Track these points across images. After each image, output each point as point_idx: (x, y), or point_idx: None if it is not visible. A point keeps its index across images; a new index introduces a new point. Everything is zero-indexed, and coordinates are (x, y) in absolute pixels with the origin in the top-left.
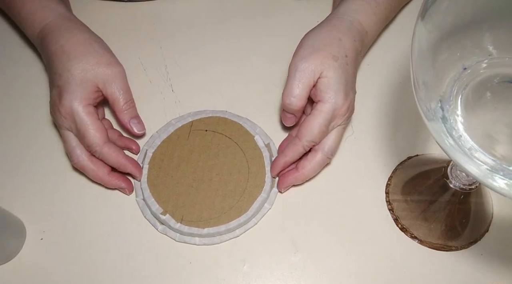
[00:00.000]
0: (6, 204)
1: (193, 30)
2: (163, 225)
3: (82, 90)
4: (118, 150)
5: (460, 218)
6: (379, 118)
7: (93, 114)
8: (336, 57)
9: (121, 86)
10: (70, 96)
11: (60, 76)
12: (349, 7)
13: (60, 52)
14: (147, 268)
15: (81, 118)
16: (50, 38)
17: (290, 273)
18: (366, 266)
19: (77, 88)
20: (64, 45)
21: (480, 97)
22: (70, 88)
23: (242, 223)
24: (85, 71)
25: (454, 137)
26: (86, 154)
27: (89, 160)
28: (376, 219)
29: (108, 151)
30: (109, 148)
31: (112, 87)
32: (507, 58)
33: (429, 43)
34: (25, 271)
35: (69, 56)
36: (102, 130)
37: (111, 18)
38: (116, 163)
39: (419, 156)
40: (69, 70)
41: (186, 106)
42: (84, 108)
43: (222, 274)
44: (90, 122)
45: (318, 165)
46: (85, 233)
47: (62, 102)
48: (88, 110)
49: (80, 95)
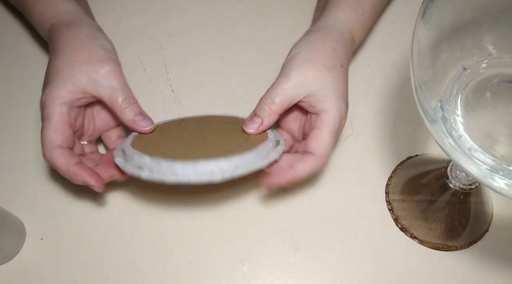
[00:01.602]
0: (6, 204)
1: (193, 30)
2: (148, 170)
3: (61, 87)
4: (71, 156)
5: (460, 218)
6: (379, 118)
7: (62, 115)
8: (330, 68)
9: (116, 83)
10: (47, 92)
11: (48, 74)
12: (337, 17)
13: (54, 50)
14: (147, 268)
15: (47, 114)
16: (53, 37)
17: (290, 273)
18: (366, 266)
19: (58, 84)
20: (59, 43)
21: (480, 97)
22: (51, 85)
23: (246, 160)
24: (72, 68)
25: (454, 137)
26: (55, 149)
27: (55, 151)
28: (376, 219)
29: (59, 155)
30: (61, 152)
31: (104, 86)
32: (507, 58)
33: (429, 43)
34: (25, 271)
35: (59, 54)
36: (61, 132)
37: (111, 17)
38: (66, 172)
39: (419, 156)
40: (57, 67)
41: (186, 106)
42: (56, 105)
43: (222, 274)
44: (53, 121)
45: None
46: (85, 233)
47: (41, 96)
48: (59, 110)
49: (58, 92)
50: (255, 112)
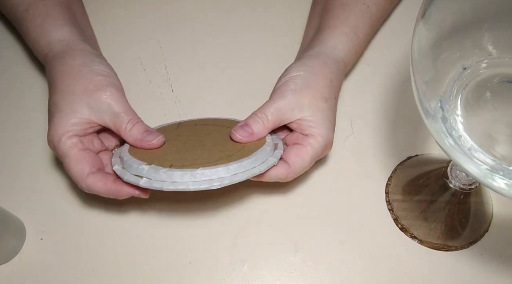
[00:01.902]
0: (6, 204)
1: (193, 30)
2: (146, 178)
3: (64, 123)
4: (106, 177)
5: (460, 218)
6: (379, 118)
7: (76, 145)
8: (326, 99)
9: (118, 108)
10: (52, 130)
11: (49, 110)
12: (335, 44)
13: (51, 84)
14: (147, 268)
15: (62, 151)
16: (49, 70)
17: (290, 273)
18: (366, 266)
19: (60, 121)
20: (54, 76)
21: (480, 97)
22: (54, 122)
23: (244, 166)
24: (71, 102)
25: (454, 137)
26: (87, 177)
27: (89, 179)
28: (376, 219)
29: (93, 181)
30: (95, 178)
31: (106, 113)
32: (507, 58)
33: (429, 43)
34: (25, 271)
35: (56, 89)
36: (85, 160)
37: (111, 18)
38: (107, 192)
39: (419, 156)
40: (56, 103)
41: (186, 106)
42: (66, 140)
43: (222, 274)
44: (71, 156)
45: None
46: (85, 233)
47: (48, 134)
48: (69, 144)
49: (62, 129)
50: (247, 122)
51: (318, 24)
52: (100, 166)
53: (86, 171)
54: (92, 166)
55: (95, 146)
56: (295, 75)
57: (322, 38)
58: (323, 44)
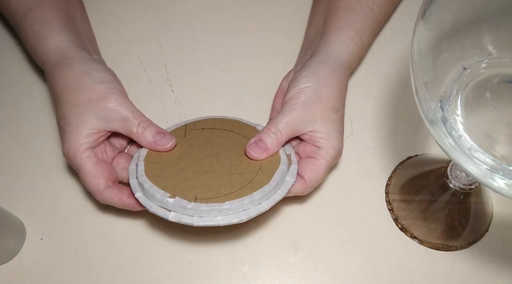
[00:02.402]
0: (6, 204)
1: (193, 30)
2: (174, 212)
3: (76, 137)
4: (121, 191)
5: (460, 218)
6: (379, 118)
7: (90, 159)
8: (337, 109)
9: (125, 113)
10: (66, 145)
11: (59, 123)
12: (341, 49)
13: (55, 97)
14: (147, 268)
15: (77, 165)
16: (49, 82)
17: (290, 273)
18: (366, 266)
19: (71, 135)
20: (57, 89)
21: (480, 97)
22: (66, 136)
23: (267, 194)
24: (78, 114)
25: (454, 137)
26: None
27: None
28: (376, 219)
29: (110, 195)
30: (111, 192)
31: (115, 119)
32: (507, 58)
33: (429, 43)
34: (25, 271)
35: (61, 102)
36: (100, 175)
37: (111, 18)
38: (123, 206)
39: (419, 156)
40: (64, 117)
41: (186, 106)
42: (81, 154)
43: (222, 274)
44: (87, 170)
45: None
46: (85, 233)
47: (62, 150)
48: (86, 155)
49: (75, 143)
50: (261, 137)
51: (322, 25)
52: (116, 178)
53: (102, 186)
54: (108, 180)
55: (108, 154)
56: (305, 87)
57: (328, 41)
58: (329, 47)
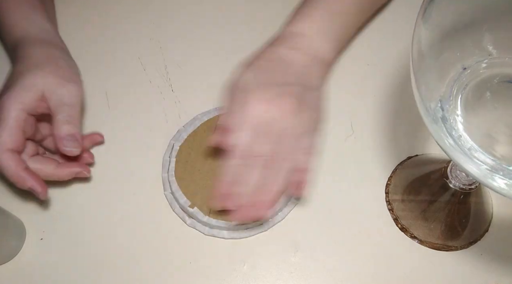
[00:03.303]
0: (6, 204)
1: (193, 30)
2: (192, 219)
3: (23, 92)
4: (21, 162)
5: (460, 218)
6: (379, 118)
7: (18, 120)
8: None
9: (69, 101)
10: (8, 94)
11: (12, 78)
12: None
13: (23, 58)
14: (147, 268)
15: (4, 116)
16: (22, 46)
17: (290, 273)
18: (366, 266)
19: (19, 89)
20: (30, 53)
21: (480, 97)
22: (13, 88)
23: (269, 217)
24: (35, 76)
25: (454, 137)
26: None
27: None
28: (376, 219)
29: (8, 159)
30: (10, 157)
31: (56, 97)
32: (507, 58)
33: (429, 43)
34: (25, 271)
35: (27, 62)
36: (16, 139)
37: (111, 18)
38: (15, 175)
39: (419, 156)
40: (21, 72)
41: (186, 106)
42: (14, 110)
43: (222, 274)
44: (9, 125)
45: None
46: (85, 233)
47: (1, 98)
48: (16, 114)
49: (18, 96)
50: None
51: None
52: (21, 151)
53: (9, 146)
54: (16, 146)
55: (27, 133)
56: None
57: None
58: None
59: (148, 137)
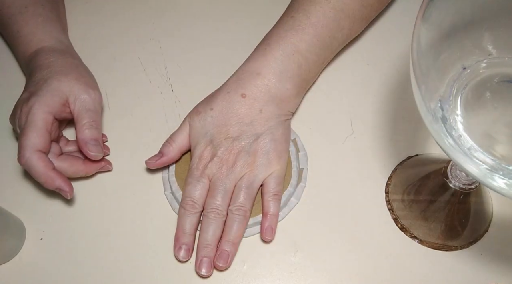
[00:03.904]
0: (6, 204)
1: (193, 30)
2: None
3: (50, 97)
4: (49, 163)
5: (460, 218)
6: (379, 118)
7: (46, 122)
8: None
9: (92, 106)
10: (35, 99)
11: (37, 83)
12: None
13: (46, 66)
14: (147, 268)
15: (33, 119)
16: (42, 55)
17: (290, 273)
18: (366, 266)
19: (46, 94)
20: (52, 61)
21: (480, 97)
22: (40, 93)
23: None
24: (60, 82)
25: (453, 137)
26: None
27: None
28: (376, 219)
29: (38, 159)
30: (40, 157)
31: (80, 103)
32: (506, 58)
33: (428, 42)
34: (25, 271)
35: (51, 69)
36: (44, 140)
37: (111, 17)
38: (43, 175)
39: (418, 156)
40: (46, 80)
41: (186, 106)
42: (43, 113)
43: (222, 274)
44: (38, 127)
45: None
46: (85, 233)
47: (28, 103)
48: (45, 117)
49: (46, 101)
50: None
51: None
52: (47, 153)
53: (39, 146)
54: (45, 147)
55: (52, 136)
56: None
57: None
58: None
59: (148, 137)
